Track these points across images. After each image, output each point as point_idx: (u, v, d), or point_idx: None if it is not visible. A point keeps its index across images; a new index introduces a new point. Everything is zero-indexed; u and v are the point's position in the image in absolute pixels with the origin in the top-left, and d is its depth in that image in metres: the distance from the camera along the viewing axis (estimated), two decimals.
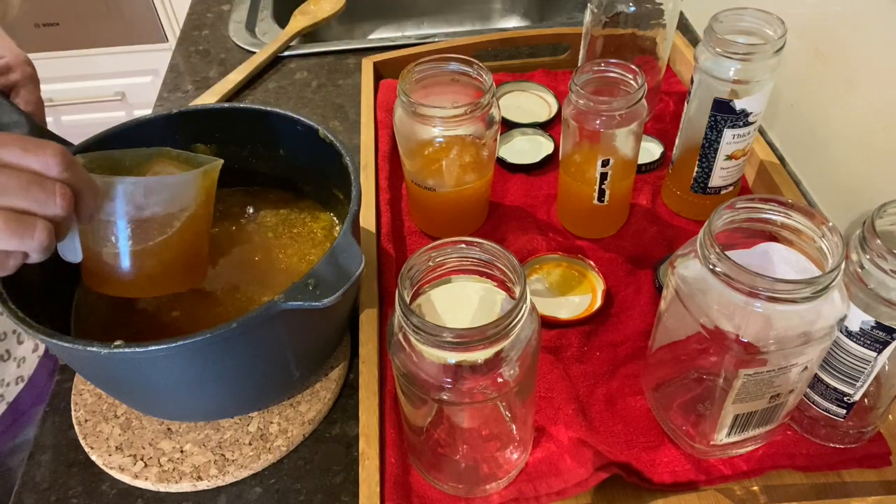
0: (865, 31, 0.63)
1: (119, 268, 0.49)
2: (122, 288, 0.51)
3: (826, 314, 0.42)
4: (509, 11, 1.29)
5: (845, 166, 0.67)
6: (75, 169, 0.41)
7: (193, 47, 1.02)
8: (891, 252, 0.41)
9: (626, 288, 0.63)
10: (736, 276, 0.41)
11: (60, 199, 0.40)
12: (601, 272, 0.63)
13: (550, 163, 0.75)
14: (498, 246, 0.42)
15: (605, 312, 0.61)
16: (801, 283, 0.40)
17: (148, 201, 0.47)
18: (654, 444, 0.52)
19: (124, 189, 0.46)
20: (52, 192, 0.40)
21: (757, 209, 0.45)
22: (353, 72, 0.94)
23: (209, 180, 0.51)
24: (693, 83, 0.62)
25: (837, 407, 0.49)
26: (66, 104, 1.62)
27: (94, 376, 0.53)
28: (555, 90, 0.84)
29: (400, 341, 0.42)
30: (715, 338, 0.44)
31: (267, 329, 0.47)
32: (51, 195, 0.40)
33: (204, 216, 0.52)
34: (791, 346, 0.42)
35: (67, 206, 0.41)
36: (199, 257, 0.54)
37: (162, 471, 0.52)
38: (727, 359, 0.44)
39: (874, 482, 0.50)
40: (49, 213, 0.40)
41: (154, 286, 0.52)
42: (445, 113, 0.58)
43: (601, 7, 0.71)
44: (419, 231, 0.69)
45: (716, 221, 0.44)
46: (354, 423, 0.56)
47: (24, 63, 0.48)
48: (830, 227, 0.42)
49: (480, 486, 0.49)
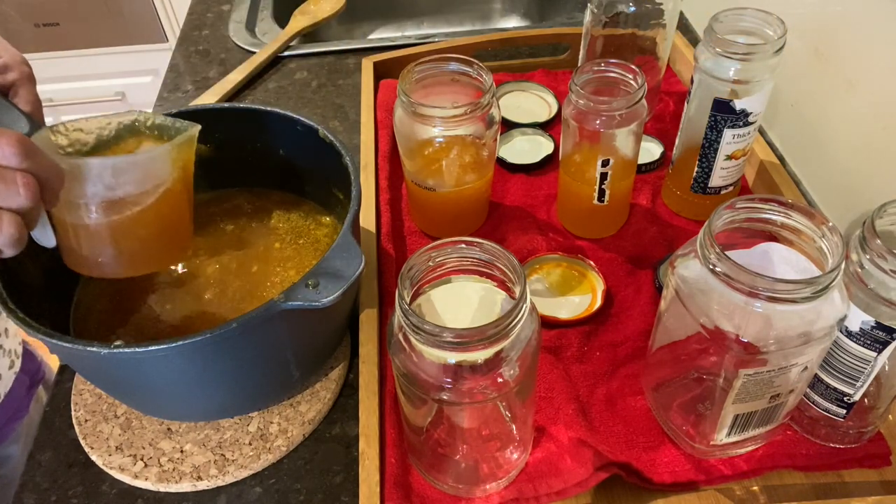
0: (865, 31, 0.63)
1: (96, 249, 0.48)
2: (103, 268, 0.49)
3: (826, 314, 0.42)
4: (509, 11, 1.29)
5: (845, 166, 0.67)
6: (36, 156, 0.39)
7: (193, 47, 1.02)
8: (891, 252, 0.41)
9: (626, 288, 0.63)
10: (736, 276, 0.41)
11: (24, 189, 0.38)
12: (601, 272, 0.63)
13: (550, 163, 0.75)
14: (498, 246, 0.42)
15: (605, 312, 0.61)
16: (801, 283, 0.40)
17: (118, 181, 0.46)
18: (654, 444, 0.52)
19: (91, 171, 0.44)
20: (13, 182, 0.38)
21: (757, 209, 0.45)
22: (353, 72, 0.94)
23: (184, 152, 0.49)
24: (693, 83, 0.62)
25: (837, 407, 0.49)
26: (66, 104, 1.62)
27: (95, 376, 0.53)
28: (555, 90, 0.84)
29: (400, 341, 0.42)
30: (715, 338, 0.44)
31: (267, 329, 0.47)
32: (12, 186, 0.38)
33: (181, 190, 0.50)
34: (791, 347, 0.42)
35: (32, 196, 0.39)
36: (180, 231, 0.52)
37: (162, 471, 0.52)
38: (727, 359, 0.44)
39: (874, 482, 0.50)
40: (14, 206, 0.39)
41: (135, 265, 0.51)
42: (445, 113, 0.58)
43: (601, 7, 0.71)
44: (419, 231, 0.69)
45: (716, 221, 0.44)
46: (354, 423, 0.56)
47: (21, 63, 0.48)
48: (830, 226, 0.42)
49: (480, 486, 0.49)
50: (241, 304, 0.58)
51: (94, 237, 0.47)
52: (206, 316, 0.57)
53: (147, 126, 0.51)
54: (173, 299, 0.58)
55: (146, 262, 0.52)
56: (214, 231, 0.63)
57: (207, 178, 0.64)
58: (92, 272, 0.50)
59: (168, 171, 0.48)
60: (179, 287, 0.59)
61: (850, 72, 0.65)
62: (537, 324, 0.43)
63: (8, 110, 0.47)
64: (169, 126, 0.51)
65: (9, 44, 0.49)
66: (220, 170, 0.64)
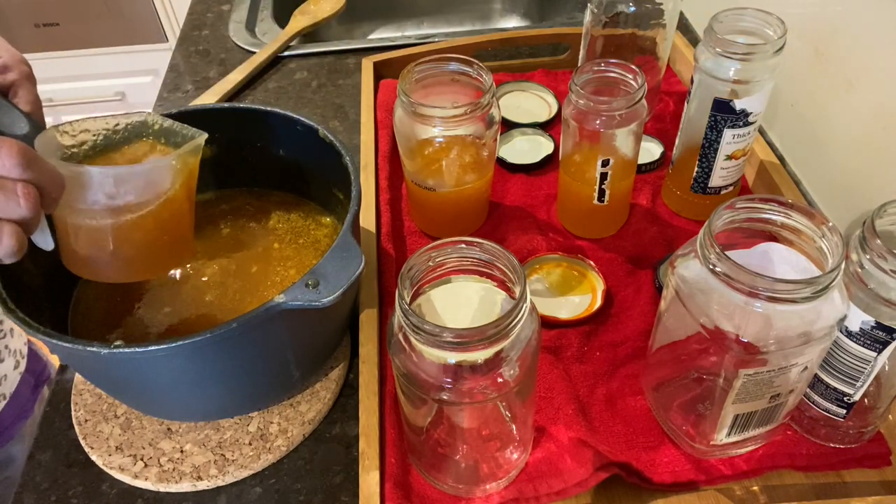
0: (865, 31, 0.63)
1: (95, 254, 0.48)
2: (101, 272, 0.49)
3: (826, 314, 0.42)
4: (509, 11, 1.29)
5: (845, 166, 0.67)
6: (37, 165, 0.39)
7: (193, 47, 1.02)
8: (891, 252, 0.41)
9: (626, 288, 0.63)
10: (736, 276, 0.41)
11: (24, 199, 0.38)
12: (601, 272, 0.63)
13: (550, 163, 0.75)
14: (498, 246, 0.42)
15: (605, 312, 0.61)
16: (801, 283, 0.40)
17: (119, 190, 0.45)
18: (654, 444, 0.52)
19: (93, 179, 0.44)
20: (13, 193, 0.38)
21: (757, 209, 0.45)
22: (353, 72, 0.94)
23: (189, 161, 0.49)
24: (693, 83, 0.62)
25: (837, 407, 0.49)
26: (66, 104, 1.62)
27: (95, 376, 0.53)
28: (555, 90, 0.84)
29: (400, 341, 0.42)
30: (715, 338, 0.44)
31: (267, 329, 0.47)
32: (13, 197, 0.38)
33: (183, 198, 0.50)
34: (791, 346, 0.42)
35: (32, 206, 0.39)
36: (181, 238, 0.52)
37: (162, 471, 0.52)
38: (727, 359, 0.44)
39: (874, 482, 0.50)
40: (14, 217, 0.39)
41: (134, 270, 0.51)
42: (445, 113, 0.58)
43: (601, 7, 0.71)
44: (419, 231, 0.69)
45: (716, 221, 0.44)
46: (354, 423, 0.56)
47: (21, 62, 0.48)
48: (830, 226, 0.42)
49: (480, 486, 0.49)
50: (241, 304, 0.57)
51: (92, 241, 0.47)
52: (205, 317, 0.57)
53: (154, 129, 0.51)
54: (173, 300, 0.58)
55: (145, 268, 0.52)
56: (214, 232, 0.63)
57: (207, 179, 0.64)
58: (90, 275, 0.50)
59: (170, 181, 0.48)
60: (179, 288, 0.59)
61: (851, 72, 0.65)
62: (537, 324, 0.43)
63: (8, 111, 0.47)
64: (177, 131, 0.51)
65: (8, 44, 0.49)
66: (220, 170, 0.64)
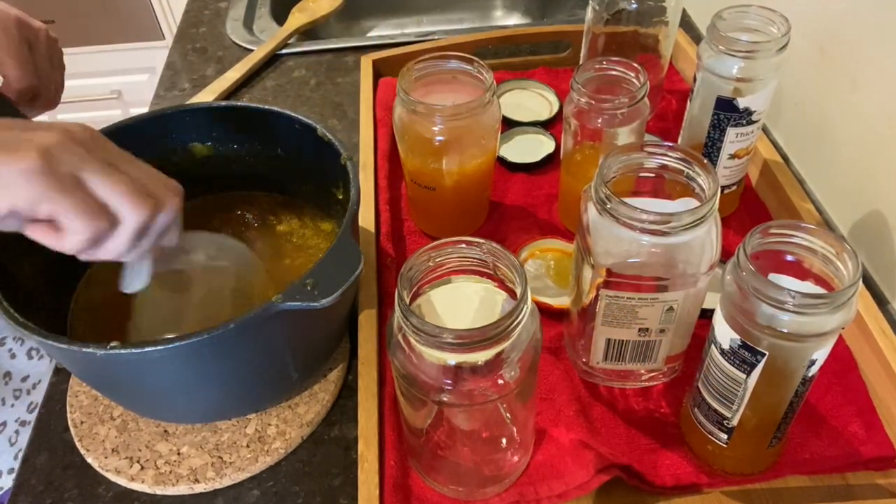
0: (870, 29, 0.62)
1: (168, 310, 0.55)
2: None
3: (691, 259, 0.45)
4: (510, 9, 1.28)
5: (850, 165, 0.66)
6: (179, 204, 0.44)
7: (190, 45, 1.01)
8: (755, 274, 0.39)
9: None
10: (623, 214, 0.44)
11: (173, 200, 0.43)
12: None
13: (551, 162, 0.75)
14: (499, 246, 0.42)
15: None
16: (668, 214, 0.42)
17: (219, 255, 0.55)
18: (657, 447, 0.51)
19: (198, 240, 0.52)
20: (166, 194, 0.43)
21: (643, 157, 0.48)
22: (352, 70, 0.93)
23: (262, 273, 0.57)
24: (696, 81, 0.62)
25: (720, 431, 0.48)
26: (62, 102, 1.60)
27: (90, 378, 0.53)
28: (556, 88, 0.83)
29: (399, 342, 0.41)
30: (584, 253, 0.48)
31: (265, 330, 0.47)
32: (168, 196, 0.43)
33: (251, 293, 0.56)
34: (647, 280, 0.46)
35: (175, 210, 0.43)
36: None
37: (158, 473, 0.52)
38: (593, 275, 0.47)
39: (880, 485, 0.50)
40: None
41: None
42: (445, 111, 0.57)
43: (603, 4, 0.71)
44: (419, 231, 0.69)
45: (604, 172, 0.47)
46: (353, 425, 0.55)
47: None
48: (705, 164, 0.45)
49: (481, 489, 0.49)
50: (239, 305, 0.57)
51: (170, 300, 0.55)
52: (204, 318, 0.56)
53: None
54: (171, 301, 0.57)
55: None
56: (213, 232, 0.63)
57: (205, 179, 0.63)
58: None
59: None
60: (177, 289, 0.58)
61: (855, 70, 0.64)
62: (538, 325, 0.43)
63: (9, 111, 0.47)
64: None
65: None
66: (218, 169, 0.63)
